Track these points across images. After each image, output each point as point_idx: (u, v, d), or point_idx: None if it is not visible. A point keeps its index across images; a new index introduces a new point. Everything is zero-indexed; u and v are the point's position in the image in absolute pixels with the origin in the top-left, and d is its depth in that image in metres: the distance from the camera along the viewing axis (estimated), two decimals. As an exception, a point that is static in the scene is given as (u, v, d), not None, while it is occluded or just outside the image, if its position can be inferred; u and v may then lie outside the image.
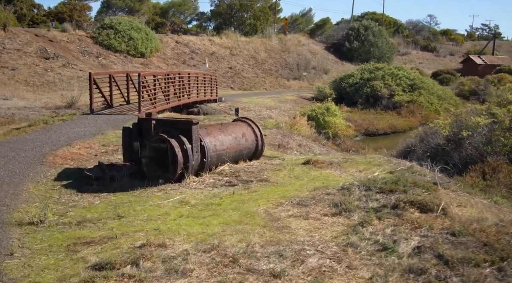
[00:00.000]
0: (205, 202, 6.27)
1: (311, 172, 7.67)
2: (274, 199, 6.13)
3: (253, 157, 8.73)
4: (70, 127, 11.97)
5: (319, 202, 5.85)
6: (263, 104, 26.52)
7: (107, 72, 16.79)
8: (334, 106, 22.84)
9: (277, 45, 53.66)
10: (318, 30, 71.00)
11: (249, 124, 8.73)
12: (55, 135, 10.88)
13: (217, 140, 7.91)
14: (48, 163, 8.64)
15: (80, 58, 32.29)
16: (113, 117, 13.84)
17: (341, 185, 6.55)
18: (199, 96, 20.99)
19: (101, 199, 6.82)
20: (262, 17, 55.92)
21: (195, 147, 7.44)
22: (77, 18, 45.69)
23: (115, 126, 12.40)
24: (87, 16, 51.81)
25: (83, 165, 8.67)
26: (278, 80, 47.15)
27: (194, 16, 68.36)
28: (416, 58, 71.94)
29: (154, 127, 7.98)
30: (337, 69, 54.88)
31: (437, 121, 11.81)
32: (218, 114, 20.33)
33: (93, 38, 35.32)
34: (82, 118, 13.51)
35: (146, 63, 36.75)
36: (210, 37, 48.54)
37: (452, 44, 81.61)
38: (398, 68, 34.31)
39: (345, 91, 32.46)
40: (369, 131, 25.04)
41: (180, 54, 42.17)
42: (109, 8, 57.57)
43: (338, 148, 15.26)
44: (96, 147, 9.94)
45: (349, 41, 58.20)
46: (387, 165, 7.91)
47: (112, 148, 9.96)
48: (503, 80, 39.86)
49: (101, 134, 11.28)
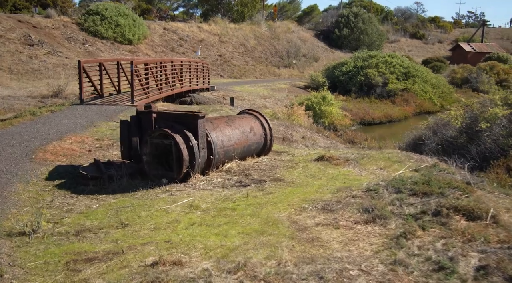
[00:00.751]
0: (217, 206, 5.63)
1: (327, 169, 7.06)
2: (294, 203, 5.51)
3: (261, 152, 8.09)
4: (59, 119, 11.20)
5: (346, 207, 5.24)
6: (256, 93, 25.81)
7: (97, 60, 15.96)
8: (330, 95, 22.24)
9: (267, 32, 52.81)
10: (306, 17, 70.24)
11: (257, 117, 8.07)
12: (44, 128, 10.13)
13: (224, 135, 7.25)
14: (38, 159, 7.92)
15: (65, 45, 31.24)
16: (105, 108, 13.08)
17: (365, 185, 5.95)
18: (191, 85, 20.25)
19: (99, 202, 6.14)
20: (250, 4, 54.87)
21: (201, 143, 6.78)
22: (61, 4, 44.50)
23: (108, 118, 11.66)
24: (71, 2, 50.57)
25: (77, 162, 7.96)
26: (268, 68, 46.39)
27: (180, 3, 67.28)
28: (405, 46, 71.51)
29: (155, 121, 7.31)
30: (327, 57, 54.25)
31: (450, 112, 11.28)
32: (213, 104, 19.63)
33: (79, 24, 34.25)
34: (71, 109, 12.72)
35: (134, 51, 35.76)
36: (199, 24, 47.57)
37: (440, 32, 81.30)
38: (392, 55, 33.75)
39: (338, 80, 31.85)
40: (365, 120, 24.53)
41: (168, 41, 41.20)
42: (94, -6, 56.20)
43: (341, 139, 14.69)
44: (90, 141, 9.22)
45: (339, 29, 57.52)
46: (408, 161, 7.32)
47: (107, 142, 9.25)
48: (495, 68, 39.56)
49: (94, 127, 10.54)
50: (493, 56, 53.95)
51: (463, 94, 35.29)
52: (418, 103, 29.60)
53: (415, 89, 30.60)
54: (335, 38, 57.50)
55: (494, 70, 38.94)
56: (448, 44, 76.13)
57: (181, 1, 67.73)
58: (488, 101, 10.97)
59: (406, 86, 30.51)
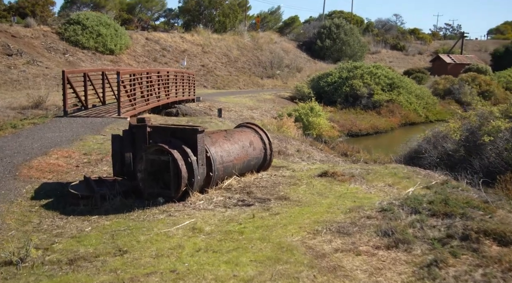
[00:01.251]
0: (222, 228, 5.21)
1: (333, 186, 6.69)
2: (306, 225, 5.12)
3: (261, 167, 7.69)
4: (43, 132, 10.65)
5: (363, 229, 4.87)
6: (243, 104, 25.45)
7: (82, 70, 15.43)
8: (318, 106, 21.99)
9: (249, 43, 52.65)
10: (287, 28, 70.46)
11: (256, 131, 7.68)
12: (27, 142, 9.58)
13: (223, 151, 6.84)
14: (22, 176, 7.40)
15: (45, 55, 30.52)
16: (90, 120, 12.55)
17: (378, 204, 5.60)
18: (177, 96, 19.79)
19: (91, 224, 5.67)
20: (231, 15, 54.75)
21: (201, 159, 6.36)
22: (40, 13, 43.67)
23: (94, 130, 11.15)
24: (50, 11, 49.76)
25: (64, 179, 7.47)
26: (252, 79, 46.15)
27: (161, 13, 66.87)
28: (386, 57, 72.05)
29: (150, 136, 6.87)
30: (310, 68, 54.26)
31: (448, 125, 11.05)
32: (199, 116, 19.20)
33: (59, 34, 33.56)
34: (55, 122, 12.16)
35: (116, 61, 35.15)
36: (181, 34, 47.17)
37: (420, 43, 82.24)
38: (377, 66, 33.76)
39: (324, 90, 31.67)
40: (352, 132, 24.33)
41: (151, 51, 40.68)
42: (73, 4, 55.57)
43: (334, 152, 14.37)
44: (77, 156, 8.72)
45: (321, 40, 57.65)
46: (416, 177, 7.01)
47: (95, 157, 8.75)
48: (477, 79, 39.88)
49: (80, 140, 10.02)
50: (472, 67, 54.58)
51: (446, 105, 35.51)
52: (404, 114, 29.58)
53: (400, 100, 30.60)
54: (317, 49, 57.60)
55: (476, 82, 39.26)
56: (428, 56, 76.99)
57: (162, 12, 67.31)
58: (487, 114, 10.78)
59: (391, 97, 30.49)
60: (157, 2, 64.71)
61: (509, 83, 42.06)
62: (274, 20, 73.24)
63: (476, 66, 55.52)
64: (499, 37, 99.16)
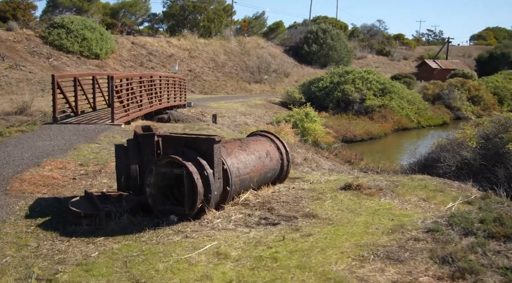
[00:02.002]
0: (250, 253, 4.56)
1: (363, 201, 6.08)
2: (347, 249, 4.50)
3: (277, 179, 7.06)
4: (33, 141, 9.88)
5: (415, 254, 4.26)
6: (234, 109, 24.79)
7: (72, 74, 14.65)
8: (313, 112, 21.45)
9: (236, 47, 52.09)
10: (272, 33, 70.07)
11: (272, 140, 7.05)
12: (16, 152, 8.81)
13: (239, 162, 6.19)
14: (14, 191, 6.66)
15: (29, 59, 29.54)
16: (82, 127, 11.79)
17: (420, 223, 5.01)
18: (169, 102, 19.07)
19: (98, 247, 4.98)
20: (216, 19, 54.13)
21: (217, 171, 5.71)
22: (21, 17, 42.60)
23: (88, 139, 10.40)
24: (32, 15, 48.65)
25: (61, 193, 6.74)
26: (240, 84, 45.57)
27: (145, 17, 66.04)
28: (372, 62, 72.04)
29: (158, 146, 6.20)
30: (298, 73, 53.90)
31: (464, 132, 10.54)
32: (193, 122, 18.51)
33: (43, 37, 32.58)
34: (45, 129, 11.38)
35: (101, 65, 34.26)
36: (168, 39, 46.39)
37: (405, 49, 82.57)
38: (368, 71, 33.40)
39: (315, 96, 31.17)
40: (347, 137, 23.83)
41: (137, 56, 39.86)
42: (55, 8, 54.56)
43: (338, 160, 13.79)
44: (72, 167, 7.98)
45: (308, 45, 57.32)
46: (449, 190, 6.44)
47: (93, 168, 8.03)
48: (466, 84, 39.82)
49: (74, 149, 9.28)
50: (458, 73, 54.77)
51: (437, 110, 35.29)
52: (396, 120, 29.22)
53: (392, 105, 30.24)
54: (304, 54, 57.26)
55: (465, 87, 39.17)
56: (413, 61, 77.30)
57: (146, 16, 66.48)
58: (503, 120, 10.30)
59: (383, 102, 30.11)
60: (141, 7, 63.92)
61: (497, 89, 42.05)
62: (259, 25, 72.87)
63: (462, 71, 55.74)
64: (481, 43, 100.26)
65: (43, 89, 25.03)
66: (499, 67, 64.13)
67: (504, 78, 45.48)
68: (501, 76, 46.57)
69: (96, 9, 54.88)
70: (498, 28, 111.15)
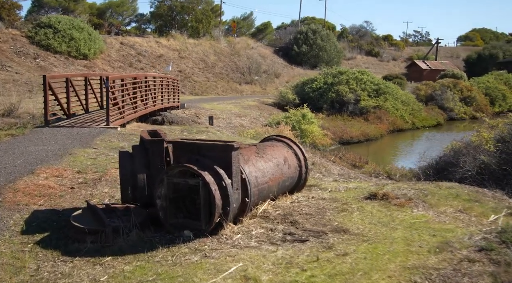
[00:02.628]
0: (283, 278, 4.01)
1: (394, 213, 5.56)
2: (394, 272, 3.97)
3: (294, 188, 6.53)
4: (25, 146, 9.24)
5: (475, 280, 3.76)
6: (228, 110, 24.24)
7: (64, 74, 13.99)
8: (310, 113, 20.98)
9: (226, 48, 51.53)
10: (260, 33, 69.69)
11: (289, 145, 6.51)
12: (7, 158, 8.18)
13: (257, 170, 5.65)
14: (7, 203, 6.05)
15: (15, 60, 28.71)
16: (76, 130, 11.15)
17: (467, 239, 4.51)
18: (163, 103, 18.46)
19: (106, 269, 4.40)
20: (204, 20, 53.58)
21: (235, 182, 5.17)
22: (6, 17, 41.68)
23: (84, 143, 9.78)
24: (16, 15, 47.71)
25: (59, 205, 6.15)
26: (230, 85, 45.02)
27: (133, 18, 65.25)
28: (362, 63, 71.87)
29: (171, 153, 5.65)
30: (288, 74, 53.49)
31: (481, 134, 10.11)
32: (188, 124, 17.92)
33: (29, 37, 31.75)
34: (37, 133, 10.72)
35: (90, 66, 33.49)
36: (157, 39, 45.69)
37: (394, 49, 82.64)
38: (362, 72, 33.07)
39: (309, 96, 30.73)
40: (344, 139, 23.40)
41: (126, 56, 39.12)
42: (40, 8, 53.67)
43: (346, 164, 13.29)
44: (69, 175, 7.38)
45: (298, 45, 56.94)
46: (485, 199, 5.95)
47: (92, 175, 7.43)
48: (458, 85, 39.71)
49: (69, 155, 8.67)
50: (448, 73, 54.75)
51: (430, 111, 35.06)
52: (391, 121, 28.90)
53: (386, 106, 29.91)
54: (294, 55, 56.88)
55: (457, 88, 39.06)
56: (402, 62, 77.42)
57: (133, 17, 65.68)
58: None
59: (378, 103, 29.76)
60: (128, 7, 63.17)
61: (488, 89, 42.01)
62: (247, 26, 72.45)
63: (452, 72, 55.75)
64: (468, 43, 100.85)
65: (31, 90, 24.27)
66: (488, 68, 64.33)
67: (495, 79, 45.49)
68: (492, 76, 46.58)
69: (82, 9, 54.09)
70: (484, 29, 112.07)
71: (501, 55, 66.95)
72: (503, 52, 67.69)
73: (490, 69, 62.60)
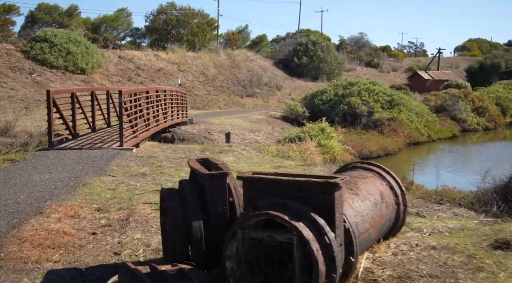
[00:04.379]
0: None
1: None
2: None
3: (389, 233, 5.00)
4: (28, 174, 7.67)
5: None
6: (239, 125, 22.73)
7: (69, 89, 12.45)
8: (329, 127, 19.53)
9: (226, 60, 50.27)
10: (256, 46, 68.67)
11: (381, 176, 5.01)
12: (8, 192, 6.61)
13: (356, 214, 4.13)
14: (12, 260, 4.49)
15: (10, 75, 27.17)
16: (86, 153, 9.58)
17: None
18: (173, 119, 16.95)
19: None
20: (200, 33, 52.59)
21: (339, 234, 3.65)
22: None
23: (97, 169, 8.23)
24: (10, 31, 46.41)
25: (81, 261, 4.59)
26: (232, 98, 43.60)
27: (128, 32, 64.28)
28: (362, 74, 70.69)
29: (235, 192, 4.14)
30: (289, 86, 52.19)
31: None
32: (200, 141, 16.42)
33: (24, 52, 30.28)
34: (40, 157, 9.14)
35: (88, 81, 31.97)
36: (156, 52, 44.34)
37: (394, 60, 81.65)
38: (374, 83, 31.69)
39: (319, 109, 29.25)
40: (363, 154, 21.85)
41: (124, 70, 37.68)
42: (34, 23, 52.57)
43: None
44: (88, 214, 5.82)
45: (298, 57, 55.64)
46: None
47: (116, 214, 5.87)
48: (469, 95, 38.44)
49: (83, 185, 7.11)
50: (451, 84, 53.54)
51: (443, 122, 33.67)
52: (407, 134, 27.43)
53: (401, 118, 28.45)
54: (294, 67, 55.59)
55: (468, 98, 37.76)
56: (402, 73, 76.40)
57: (128, 31, 64.72)
58: None
59: (392, 115, 28.31)
60: (123, 21, 62.37)
61: (499, 99, 40.78)
62: (242, 39, 71.54)
63: (455, 82, 54.59)
64: (466, 54, 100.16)
65: (27, 107, 22.75)
66: (489, 78, 63.50)
67: (504, 88, 44.33)
68: (500, 86, 45.42)
69: (77, 24, 53.15)
70: (480, 39, 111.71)
71: (503, 64, 66.04)
72: (505, 61, 66.80)
73: (492, 79, 61.69)
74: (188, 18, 53.48)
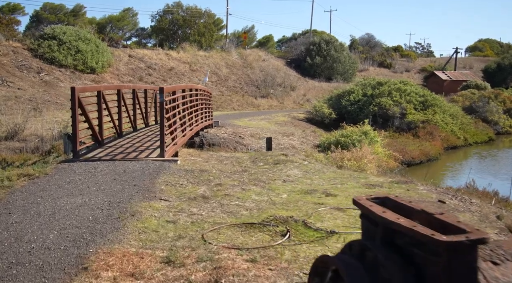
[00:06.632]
0: None
1: None
2: None
3: None
4: (53, 198, 5.68)
5: None
6: (266, 128, 20.77)
7: (95, 87, 10.51)
8: (372, 131, 17.55)
9: (238, 60, 48.42)
10: (262, 47, 66.94)
11: None
12: (31, 227, 4.62)
13: None
14: None
15: (17, 74, 25.26)
16: (121, 166, 7.56)
17: None
18: (202, 121, 14.97)
19: None
20: (207, 33, 50.93)
21: None
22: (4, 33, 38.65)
23: (142, 190, 6.22)
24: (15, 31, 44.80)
25: None
26: (245, 99, 41.66)
27: (133, 32, 62.78)
28: (375, 75, 68.51)
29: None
30: (304, 86, 50.25)
31: None
32: (232, 147, 14.47)
33: (32, 50, 28.38)
34: (65, 172, 7.10)
35: (97, 80, 30.04)
36: (167, 51, 42.52)
37: (406, 61, 79.67)
38: (404, 82, 29.69)
39: (346, 110, 27.27)
40: (406, 160, 19.85)
41: (135, 69, 35.82)
42: (39, 23, 51.02)
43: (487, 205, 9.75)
44: (154, 270, 3.83)
45: (311, 57, 53.65)
46: None
47: (196, 271, 3.88)
48: (500, 96, 36.40)
49: (132, 216, 5.11)
50: (471, 84, 51.59)
51: (476, 125, 31.67)
52: (444, 137, 25.41)
53: (436, 120, 26.41)
54: (307, 67, 53.66)
55: (499, 99, 35.73)
56: (415, 73, 74.47)
57: (134, 31, 63.23)
58: None
59: (426, 117, 26.25)
60: (128, 21, 60.92)
61: (528, 100, 38.73)
62: (249, 39, 69.93)
63: (475, 82, 52.61)
64: (478, 54, 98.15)
65: (36, 108, 20.83)
66: (507, 78, 61.64)
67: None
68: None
69: (82, 23, 51.46)
70: (490, 39, 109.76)
71: (522, 64, 64.06)
72: (524, 61, 64.79)
73: (510, 79, 59.74)
74: (195, 18, 51.94)
